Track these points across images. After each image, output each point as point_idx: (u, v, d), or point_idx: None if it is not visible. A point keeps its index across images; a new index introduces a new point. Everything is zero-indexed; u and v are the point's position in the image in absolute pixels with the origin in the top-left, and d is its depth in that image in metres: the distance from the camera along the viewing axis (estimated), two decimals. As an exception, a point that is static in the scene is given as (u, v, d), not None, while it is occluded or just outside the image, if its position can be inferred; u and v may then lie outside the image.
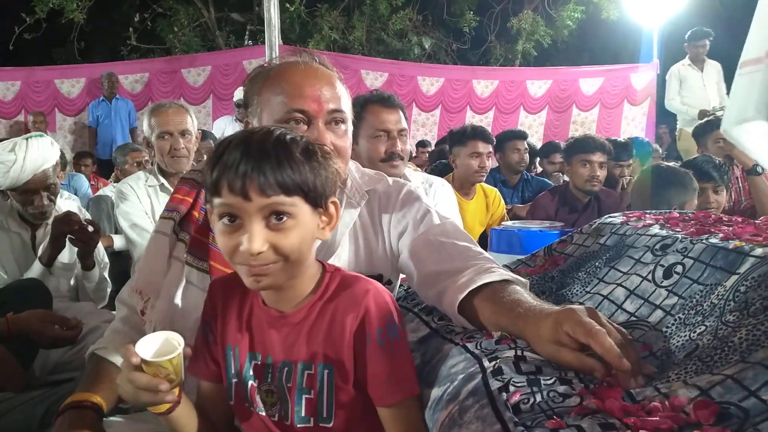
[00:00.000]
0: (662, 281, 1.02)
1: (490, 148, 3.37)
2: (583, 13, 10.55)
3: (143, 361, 0.89)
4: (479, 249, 1.25)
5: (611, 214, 1.39)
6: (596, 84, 9.02)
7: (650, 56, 8.79)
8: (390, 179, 1.43)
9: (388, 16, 10.52)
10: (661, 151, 6.21)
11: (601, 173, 3.28)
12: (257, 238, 0.92)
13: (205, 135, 4.48)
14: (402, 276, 1.40)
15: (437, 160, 5.28)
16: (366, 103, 2.29)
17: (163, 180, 2.71)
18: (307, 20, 10.39)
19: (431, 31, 11.22)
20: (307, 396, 1.01)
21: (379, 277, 1.32)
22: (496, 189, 3.63)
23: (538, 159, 5.57)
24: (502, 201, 3.60)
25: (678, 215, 1.25)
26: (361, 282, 1.04)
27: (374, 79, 8.67)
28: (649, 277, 1.06)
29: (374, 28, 10.66)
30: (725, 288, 0.88)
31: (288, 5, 9.83)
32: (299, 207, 0.95)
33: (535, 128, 8.83)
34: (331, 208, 1.03)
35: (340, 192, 1.34)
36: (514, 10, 10.99)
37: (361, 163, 2.21)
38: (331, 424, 1.01)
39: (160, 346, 0.91)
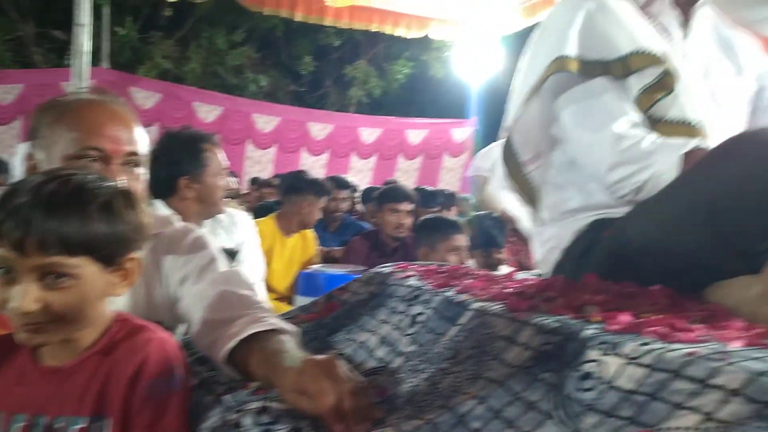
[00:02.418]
0: (407, 330, 1.12)
1: None
2: (413, 69, 11.27)
3: None
4: (258, 299, 1.28)
5: (384, 264, 1.49)
6: (421, 135, 9.65)
7: (470, 112, 9.58)
8: (179, 224, 1.42)
9: (226, 50, 10.40)
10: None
11: (407, 221, 3.49)
12: (28, 297, 0.86)
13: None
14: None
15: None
16: (203, 144, 2.26)
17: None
18: (138, 46, 9.93)
19: (269, 70, 11.28)
20: None
21: (158, 324, 1.30)
22: (312, 230, 3.71)
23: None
24: (316, 242, 3.70)
25: (435, 267, 1.37)
26: (146, 332, 1.01)
27: (208, 112, 8.46)
28: (399, 325, 1.15)
29: (211, 62, 10.46)
30: (447, 338, 0.98)
31: (119, 29, 9.34)
32: (84, 268, 0.90)
33: (364, 173, 9.20)
34: (129, 264, 0.98)
35: None
36: (350, 59, 11.45)
37: (201, 203, 2.22)
38: None
39: None
